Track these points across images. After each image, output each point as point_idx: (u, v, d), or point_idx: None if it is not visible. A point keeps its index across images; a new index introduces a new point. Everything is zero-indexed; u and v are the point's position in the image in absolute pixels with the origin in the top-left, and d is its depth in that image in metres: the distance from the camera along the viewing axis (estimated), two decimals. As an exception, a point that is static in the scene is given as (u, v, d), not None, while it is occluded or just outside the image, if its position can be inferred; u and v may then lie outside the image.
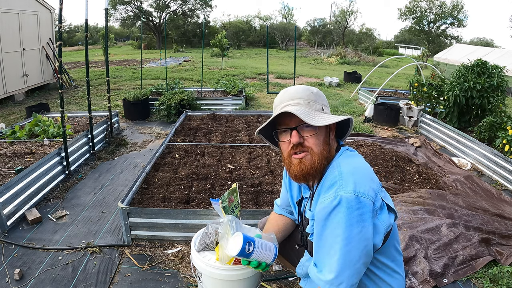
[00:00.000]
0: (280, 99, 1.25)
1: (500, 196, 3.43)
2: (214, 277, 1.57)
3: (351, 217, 1.05)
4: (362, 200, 1.06)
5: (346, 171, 1.13)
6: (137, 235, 2.64)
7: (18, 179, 2.90)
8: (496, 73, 4.89)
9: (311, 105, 1.21)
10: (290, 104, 1.20)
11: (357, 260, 1.07)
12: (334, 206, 1.07)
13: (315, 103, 1.22)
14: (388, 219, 1.15)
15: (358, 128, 5.63)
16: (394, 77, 10.14)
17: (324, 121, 1.16)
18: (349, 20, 28.65)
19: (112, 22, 29.14)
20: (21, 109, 6.59)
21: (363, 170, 1.16)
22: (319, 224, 1.11)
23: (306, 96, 1.22)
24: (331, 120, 1.17)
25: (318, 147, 1.20)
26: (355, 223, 1.05)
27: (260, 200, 2.98)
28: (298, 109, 1.16)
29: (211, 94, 7.53)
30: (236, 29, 28.79)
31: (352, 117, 1.27)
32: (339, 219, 1.06)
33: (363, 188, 1.08)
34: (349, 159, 1.21)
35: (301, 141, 1.20)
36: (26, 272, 2.30)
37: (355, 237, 1.06)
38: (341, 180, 1.10)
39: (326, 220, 1.09)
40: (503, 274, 2.26)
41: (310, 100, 1.21)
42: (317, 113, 1.20)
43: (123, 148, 4.68)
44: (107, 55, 4.64)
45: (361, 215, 1.06)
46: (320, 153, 1.20)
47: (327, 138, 1.23)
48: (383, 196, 1.16)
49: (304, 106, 1.19)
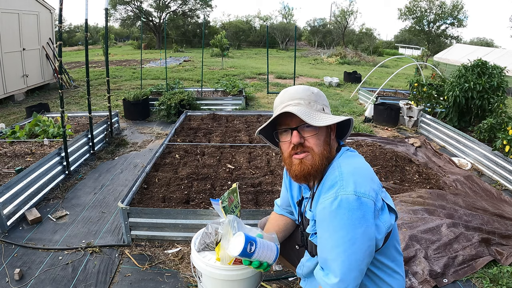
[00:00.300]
0: (281, 99, 1.25)
1: (500, 196, 3.43)
2: (214, 277, 1.57)
3: (353, 217, 1.05)
4: (363, 200, 1.06)
5: (346, 172, 1.13)
6: (137, 235, 2.64)
7: (18, 179, 2.90)
8: (496, 73, 4.88)
9: (312, 105, 1.20)
10: (291, 104, 1.20)
11: (361, 261, 1.07)
12: (335, 207, 1.06)
13: (316, 103, 1.21)
14: (389, 219, 1.15)
15: (358, 128, 5.63)
16: (394, 77, 10.14)
17: (325, 121, 1.16)
18: (349, 20, 28.68)
19: (112, 22, 29.19)
20: (21, 109, 6.59)
21: (363, 170, 1.16)
22: (321, 225, 1.11)
23: (306, 96, 1.21)
24: (332, 120, 1.17)
25: (319, 147, 1.20)
26: (358, 223, 1.05)
27: (260, 200, 2.98)
28: (298, 109, 1.16)
29: (211, 94, 7.53)
30: (236, 29, 28.79)
31: (353, 118, 1.27)
32: (341, 220, 1.05)
33: (364, 188, 1.08)
34: (349, 159, 1.21)
35: (301, 142, 1.20)
36: (26, 272, 2.30)
37: (359, 238, 1.05)
38: (341, 181, 1.10)
39: (328, 221, 1.08)
40: (503, 274, 2.26)
41: (311, 100, 1.21)
42: (318, 113, 1.19)
43: (123, 148, 4.68)
44: (107, 55, 4.64)
45: (363, 215, 1.05)
46: (321, 153, 1.20)
47: (327, 138, 1.23)
48: (383, 197, 1.16)
49: (305, 106, 1.19)
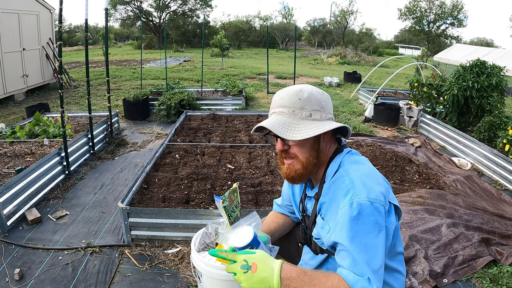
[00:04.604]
0: (273, 103, 1.26)
1: (500, 196, 3.43)
2: (214, 277, 1.57)
3: (370, 223, 1.07)
4: (376, 205, 1.08)
5: (356, 179, 1.14)
6: (137, 235, 2.64)
7: (18, 179, 2.90)
8: (495, 72, 4.88)
9: (296, 114, 1.19)
10: (276, 112, 1.22)
11: (382, 264, 1.09)
12: (352, 216, 1.08)
13: (302, 111, 1.19)
14: (395, 221, 1.18)
15: (358, 128, 5.63)
16: (394, 77, 10.14)
17: (300, 134, 1.15)
18: (349, 20, 28.68)
19: (112, 22, 29.18)
20: (21, 109, 6.59)
21: (371, 175, 1.18)
22: (340, 234, 1.11)
23: (291, 104, 1.19)
24: (307, 134, 1.14)
25: (303, 154, 1.21)
26: (376, 228, 1.07)
27: (260, 200, 2.98)
28: (277, 120, 1.17)
29: (211, 94, 7.53)
30: (236, 29, 28.79)
31: (343, 123, 1.24)
32: (361, 227, 1.07)
33: (375, 194, 1.10)
34: (355, 165, 1.21)
35: (285, 148, 1.22)
36: (26, 272, 2.30)
37: (380, 242, 1.08)
38: (353, 188, 1.11)
39: (347, 229, 1.09)
40: (503, 274, 2.26)
41: (296, 108, 1.19)
42: (301, 121, 1.18)
43: (123, 148, 4.68)
44: (107, 55, 4.64)
45: (377, 220, 1.08)
46: (306, 160, 1.21)
47: (315, 144, 1.22)
48: (390, 199, 1.16)
49: (288, 115, 1.19)
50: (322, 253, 1.32)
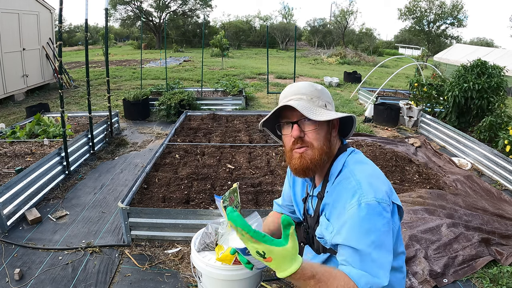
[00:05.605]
0: (285, 94, 1.28)
1: (500, 196, 3.43)
2: (214, 277, 1.57)
3: (379, 223, 1.08)
4: (382, 205, 1.10)
5: (362, 179, 1.15)
6: (137, 235, 2.64)
7: (18, 179, 2.90)
8: (495, 73, 4.88)
9: (314, 101, 1.23)
10: (293, 99, 1.23)
11: (390, 262, 1.10)
12: (360, 216, 1.09)
13: (319, 99, 1.24)
14: (397, 220, 1.19)
15: (358, 128, 5.63)
16: (394, 77, 10.13)
17: (325, 116, 1.18)
18: (349, 20, 28.67)
19: (112, 22, 29.17)
20: (21, 109, 6.59)
21: (375, 175, 1.20)
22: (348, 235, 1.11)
23: (309, 92, 1.24)
24: (331, 115, 1.19)
25: (318, 142, 1.21)
26: (384, 227, 1.09)
27: (260, 200, 2.98)
28: (299, 104, 1.18)
29: (211, 94, 7.53)
30: (236, 29, 28.78)
31: (355, 116, 1.28)
32: (370, 227, 1.08)
33: (381, 194, 1.11)
34: (360, 165, 1.23)
35: (301, 135, 1.21)
36: (26, 272, 2.30)
37: (388, 241, 1.09)
38: (360, 189, 1.12)
39: (355, 231, 1.09)
40: (503, 274, 2.26)
41: (313, 96, 1.23)
42: (319, 108, 1.21)
43: (123, 148, 4.68)
44: (107, 55, 4.64)
45: (386, 220, 1.09)
46: (321, 148, 1.22)
47: (328, 134, 1.25)
48: (393, 199, 1.17)
49: (306, 101, 1.22)
50: (324, 252, 1.32)
